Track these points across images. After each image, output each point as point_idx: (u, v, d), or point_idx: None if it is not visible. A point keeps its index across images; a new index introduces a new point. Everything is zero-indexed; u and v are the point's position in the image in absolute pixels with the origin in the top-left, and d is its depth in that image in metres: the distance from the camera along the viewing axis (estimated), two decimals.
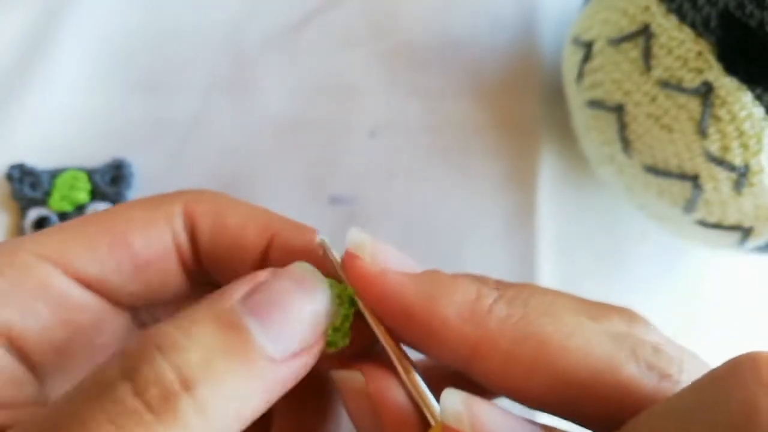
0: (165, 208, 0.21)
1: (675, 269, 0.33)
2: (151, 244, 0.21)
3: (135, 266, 0.20)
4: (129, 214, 0.21)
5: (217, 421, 0.16)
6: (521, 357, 0.18)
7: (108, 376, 0.16)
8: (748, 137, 0.25)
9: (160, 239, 0.21)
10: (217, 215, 0.21)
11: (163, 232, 0.21)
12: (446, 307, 0.19)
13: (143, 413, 0.15)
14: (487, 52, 0.35)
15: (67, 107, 0.34)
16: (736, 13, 0.24)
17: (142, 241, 0.20)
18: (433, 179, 0.33)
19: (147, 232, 0.21)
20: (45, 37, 0.35)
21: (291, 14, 0.35)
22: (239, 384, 0.16)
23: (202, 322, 0.17)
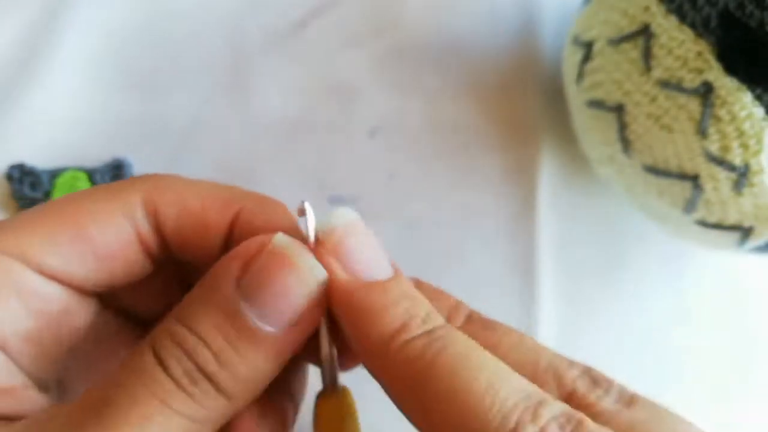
0: (123, 197, 0.21)
1: (675, 269, 0.33)
2: (112, 236, 0.21)
3: (97, 258, 0.20)
4: (88, 204, 0.21)
5: (238, 395, 0.19)
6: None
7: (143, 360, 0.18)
8: (748, 137, 0.25)
9: (120, 231, 0.21)
10: (179, 200, 0.21)
11: (123, 223, 0.21)
12: (369, 327, 0.19)
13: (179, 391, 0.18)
14: (487, 52, 0.35)
15: (67, 107, 0.34)
16: (736, 13, 0.24)
17: (102, 234, 0.20)
18: (433, 179, 0.33)
19: (107, 224, 0.21)
20: (45, 37, 0.35)
21: (291, 14, 0.35)
22: (249, 362, 0.19)
23: (206, 317, 0.19)
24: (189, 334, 0.19)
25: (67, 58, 0.35)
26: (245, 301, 0.19)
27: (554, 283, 0.32)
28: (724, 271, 0.33)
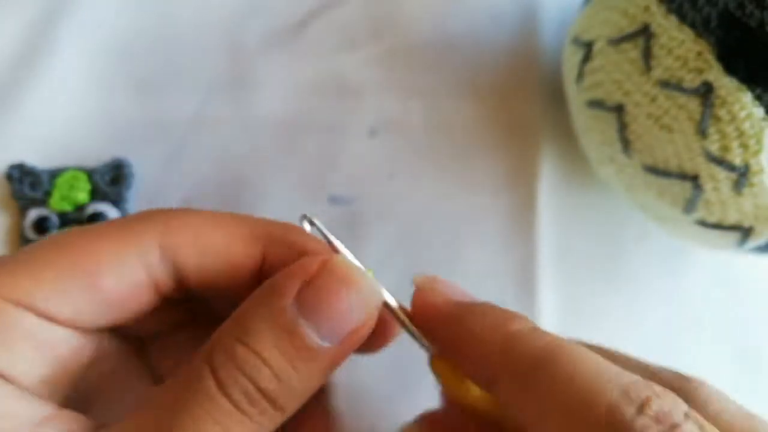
0: (137, 240, 0.20)
1: (675, 269, 0.33)
2: (125, 285, 0.20)
3: (108, 305, 0.20)
4: (99, 249, 0.20)
5: (291, 408, 0.19)
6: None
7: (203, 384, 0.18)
8: (747, 137, 0.25)
9: (134, 278, 0.20)
10: (199, 239, 0.21)
11: (138, 270, 0.20)
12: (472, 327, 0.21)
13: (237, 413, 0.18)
14: (487, 52, 0.35)
15: (67, 107, 0.34)
16: (736, 13, 0.24)
17: (115, 283, 0.20)
18: (433, 179, 0.33)
19: (120, 272, 0.20)
20: (45, 37, 0.35)
21: (291, 14, 0.35)
22: (304, 377, 0.19)
23: (266, 336, 0.19)
24: (249, 354, 0.19)
25: (67, 58, 0.35)
26: (304, 319, 0.19)
27: (554, 283, 0.32)
28: (724, 271, 0.33)
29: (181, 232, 0.21)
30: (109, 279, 0.20)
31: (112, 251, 0.20)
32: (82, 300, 0.20)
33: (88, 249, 0.20)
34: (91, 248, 0.20)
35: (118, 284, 0.20)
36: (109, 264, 0.20)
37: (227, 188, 0.34)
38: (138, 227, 0.21)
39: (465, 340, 0.20)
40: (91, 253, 0.20)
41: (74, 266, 0.20)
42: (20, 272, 0.20)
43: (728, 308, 0.32)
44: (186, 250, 0.21)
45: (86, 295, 0.20)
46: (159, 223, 0.21)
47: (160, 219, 0.21)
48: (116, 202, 0.33)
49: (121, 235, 0.20)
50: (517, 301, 0.32)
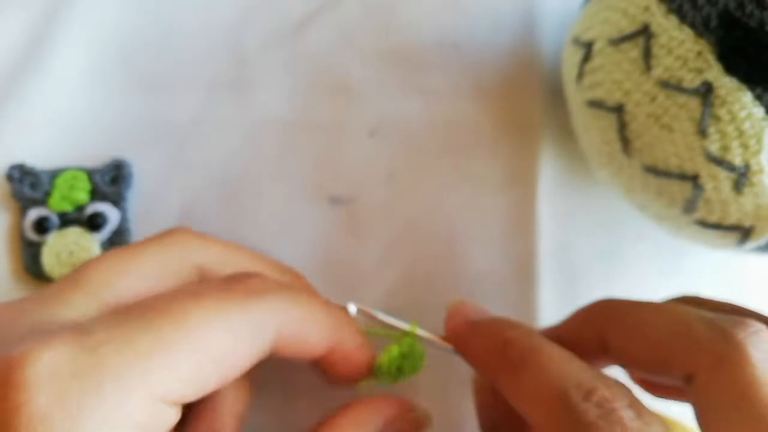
0: (263, 335, 0.23)
1: (675, 269, 0.33)
2: (239, 371, 0.23)
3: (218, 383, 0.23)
4: (226, 339, 0.22)
5: None
6: None
7: None
8: (748, 137, 0.25)
9: (247, 362, 0.23)
10: (299, 335, 0.24)
11: (254, 355, 0.23)
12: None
13: None
14: (487, 52, 0.35)
15: (67, 107, 0.34)
16: (736, 13, 0.24)
17: (232, 370, 0.23)
18: (433, 179, 0.33)
19: (240, 361, 0.23)
20: (45, 37, 0.35)
21: (291, 14, 0.35)
22: None
23: None
24: None
25: (68, 58, 0.35)
26: None
27: (554, 283, 0.32)
28: (725, 271, 0.33)
29: (290, 327, 0.24)
30: (232, 369, 0.23)
31: (239, 343, 0.22)
32: (202, 387, 0.22)
33: (216, 336, 0.22)
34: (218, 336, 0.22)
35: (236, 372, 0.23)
36: (234, 357, 0.22)
37: (227, 188, 0.34)
38: (265, 315, 0.23)
39: (474, 349, 0.26)
40: (220, 342, 0.22)
41: (202, 356, 0.21)
42: (153, 361, 0.20)
43: None
44: (288, 341, 0.24)
45: (204, 386, 0.22)
46: (278, 320, 0.23)
47: (278, 311, 0.24)
48: (116, 202, 0.33)
49: (247, 324, 0.23)
50: (517, 301, 0.32)
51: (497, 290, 0.32)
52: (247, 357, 0.23)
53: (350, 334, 0.26)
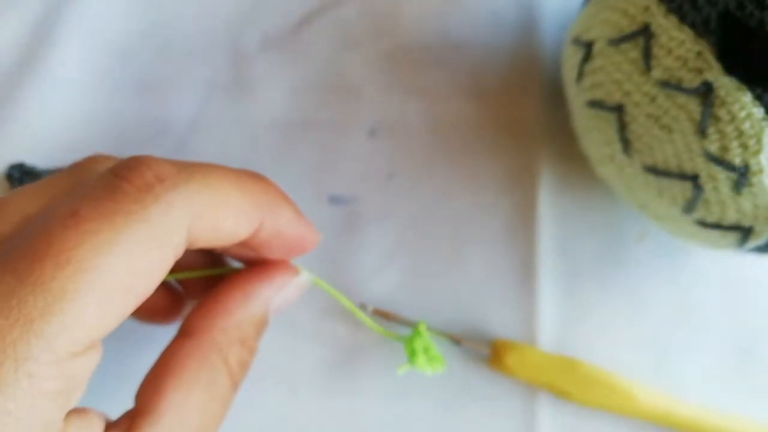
0: (172, 239, 0.20)
1: (675, 269, 0.33)
2: (155, 285, 0.20)
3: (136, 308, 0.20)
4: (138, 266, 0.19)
5: None
6: None
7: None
8: (747, 137, 0.25)
9: (163, 274, 0.20)
10: (216, 225, 0.22)
11: (169, 266, 0.21)
12: None
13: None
14: (487, 52, 0.35)
15: (67, 107, 0.34)
16: (736, 13, 0.24)
17: (149, 290, 0.20)
18: (433, 179, 0.33)
19: (156, 281, 0.20)
20: (45, 37, 0.35)
21: (291, 14, 0.35)
22: None
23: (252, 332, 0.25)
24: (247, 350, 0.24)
25: (68, 58, 0.35)
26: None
27: (554, 283, 0.32)
28: (725, 271, 0.33)
29: (202, 218, 0.21)
30: (146, 289, 0.20)
31: (153, 264, 0.20)
32: (117, 322, 0.20)
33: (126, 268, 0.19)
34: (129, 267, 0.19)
35: (152, 287, 0.20)
36: (147, 278, 0.20)
37: None
38: (171, 224, 0.20)
39: None
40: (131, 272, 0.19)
41: (114, 294, 0.19)
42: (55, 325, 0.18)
43: (728, 308, 0.32)
44: (202, 233, 0.21)
45: (123, 317, 0.20)
46: (188, 213, 0.21)
47: (188, 207, 0.21)
48: None
49: (155, 240, 0.20)
50: (517, 300, 0.32)
51: (497, 290, 0.32)
52: (160, 269, 0.20)
53: (280, 207, 0.24)
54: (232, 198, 0.22)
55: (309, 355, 0.32)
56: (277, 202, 0.24)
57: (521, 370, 0.31)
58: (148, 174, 0.20)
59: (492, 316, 0.32)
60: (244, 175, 0.23)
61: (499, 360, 0.31)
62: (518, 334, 0.32)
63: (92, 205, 0.19)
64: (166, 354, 0.23)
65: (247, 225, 0.22)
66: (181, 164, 0.21)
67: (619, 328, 0.32)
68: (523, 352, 0.31)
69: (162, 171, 0.20)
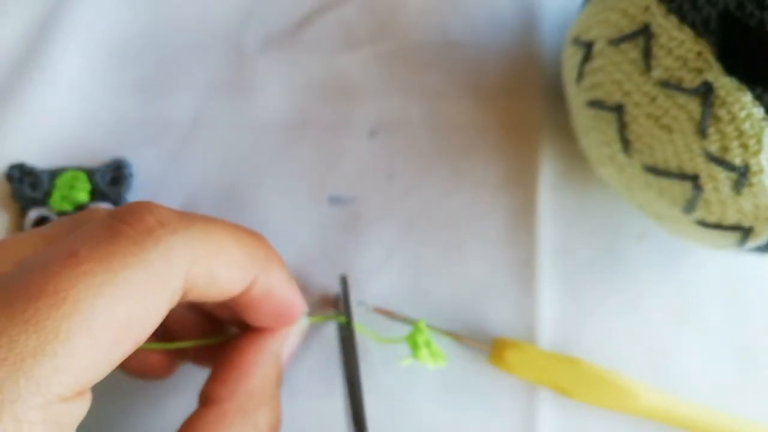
0: (169, 285, 0.20)
1: (675, 269, 0.33)
2: (150, 330, 0.20)
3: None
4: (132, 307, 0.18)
5: None
6: None
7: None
8: (747, 137, 0.25)
9: (158, 320, 0.20)
10: (211, 276, 0.21)
11: (164, 312, 0.20)
12: None
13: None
14: (487, 52, 0.35)
15: (67, 107, 0.34)
16: (736, 13, 0.24)
17: (144, 336, 0.19)
18: (433, 179, 0.33)
19: (150, 323, 0.19)
20: (45, 37, 0.35)
21: (291, 14, 0.35)
22: None
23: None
24: None
25: (68, 58, 0.35)
26: None
27: (554, 283, 0.32)
28: (725, 270, 0.33)
29: (199, 268, 0.21)
30: (143, 332, 0.19)
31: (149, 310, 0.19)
32: (108, 369, 0.19)
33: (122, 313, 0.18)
34: (125, 312, 0.18)
35: (148, 331, 0.20)
36: (144, 323, 0.19)
37: (227, 188, 0.34)
38: (168, 270, 0.19)
39: None
40: (130, 318, 0.18)
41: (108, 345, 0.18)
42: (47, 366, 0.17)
43: (728, 308, 0.32)
44: (198, 282, 0.21)
45: (115, 363, 0.19)
46: (185, 262, 0.20)
47: (185, 255, 0.20)
48: (116, 202, 0.33)
49: (155, 286, 0.19)
50: (517, 301, 0.32)
51: (497, 290, 0.32)
52: (156, 315, 0.19)
53: (273, 267, 0.23)
54: (230, 249, 0.21)
55: (309, 355, 0.32)
56: (272, 260, 0.23)
57: (522, 367, 0.31)
58: (149, 218, 0.20)
59: (492, 315, 0.32)
60: (242, 229, 0.23)
61: (500, 358, 0.31)
62: (518, 333, 0.32)
63: (91, 246, 0.18)
64: (189, 425, 0.22)
65: (242, 278, 0.22)
66: (181, 213, 0.21)
67: (618, 328, 0.32)
68: (524, 350, 0.31)
69: (163, 216, 0.20)
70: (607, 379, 0.30)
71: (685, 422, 0.30)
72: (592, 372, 0.30)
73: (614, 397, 0.30)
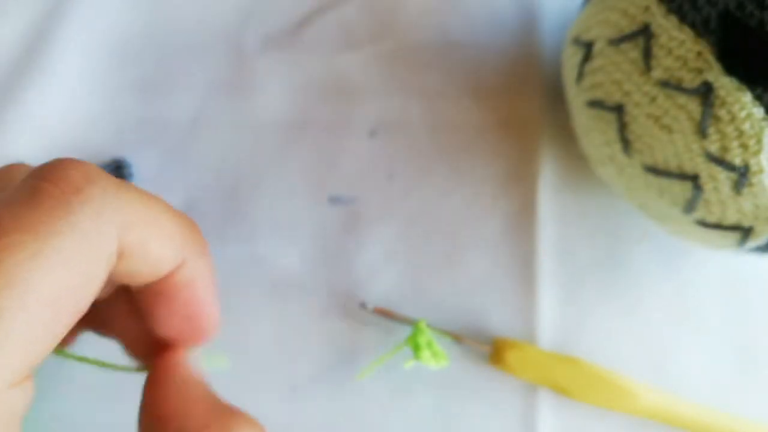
0: (104, 249, 0.18)
1: (675, 269, 0.33)
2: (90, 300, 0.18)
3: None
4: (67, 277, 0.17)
5: None
6: None
7: None
8: (747, 137, 0.25)
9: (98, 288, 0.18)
10: (143, 245, 0.19)
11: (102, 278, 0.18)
12: None
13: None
14: (487, 52, 0.35)
15: (67, 107, 0.34)
16: (736, 13, 0.24)
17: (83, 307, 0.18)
18: (433, 179, 0.33)
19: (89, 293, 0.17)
20: (45, 37, 0.35)
21: (291, 14, 0.35)
22: None
23: None
24: None
25: (68, 58, 0.35)
26: None
27: (554, 283, 0.32)
28: (725, 270, 0.33)
29: (132, 235, 0.18)
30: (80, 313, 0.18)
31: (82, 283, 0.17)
32: (50, 347, 0.17)
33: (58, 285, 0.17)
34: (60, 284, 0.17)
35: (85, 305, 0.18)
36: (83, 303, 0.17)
37: (227, 188, 0.34)
38: (100, 239, 0.17)
39: None
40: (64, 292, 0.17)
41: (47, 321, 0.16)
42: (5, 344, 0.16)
43: (728, 308, 0.32)
44: (132, 252, 0.19)
45: (56, 340, 0.17)
46: (117, 226, 0.18)
47: (118, 219, 0.18)
48: None
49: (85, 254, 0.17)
50: (517, 301, 0.32)
51: (497, 290, 0.32)
52: (94, 281, 0.18)
53: (203, 254, 0.21)
54: (163, 221, 0.19)
55: (309, 355, 0.32)
56: (203, 247, 0.21)
57: (522, 367, 0.31)
58: (74, 174, 0.18)
59: (492, 316, 0.32)
60: (175, 209, 0.21)
61: (500, 358, 0.31)
62: (518, 333, 0.32)
63: (15, 214, 0.16)
64: None
65: (173, 256, 0.20)
66: (110, 175, 0.19)
67: (618, 328, 0.32)
68: (525, 350, 0.31)
69: (90, 172, 0.18)
70: (607, 379, 0.30)
71: (684, 422, 0.30)
72: (592, 372, 0.30)
73: (614, 397, 0.30)
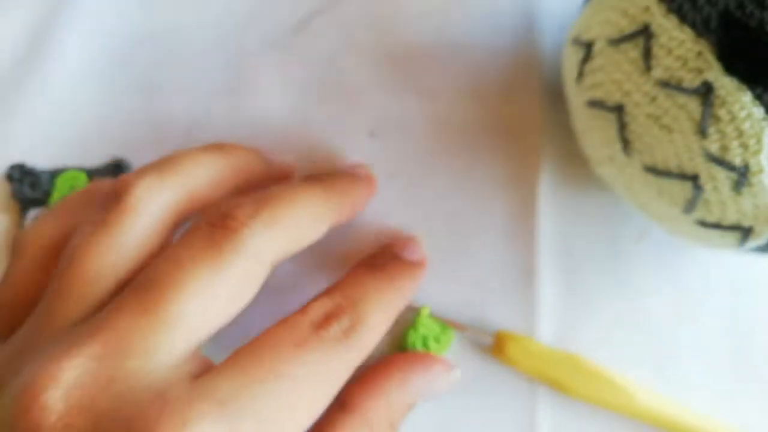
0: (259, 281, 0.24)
1: (675, 269, 0.33)
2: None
3: None
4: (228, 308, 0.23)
5: None
6: None
7: None
8: (747, 137, 0.25)
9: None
10: (290, 253, 0.25)
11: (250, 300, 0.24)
12: None
13: None
14: (487, 52, 0.35)
15: (67, 107, 0.34)
16: (736, 13, 0.24)
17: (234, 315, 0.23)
18: (433, 179, 0.33)
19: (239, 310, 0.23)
20: (45, 37, 0.35)
21: (291, 14, 0.35)
22: None
23: None
24: None
25: (68, 58, 0.35)
26: None
27: (554, 282, 0.32)
28: (725, 270, 0.33)
29: (281, 255, 0.25)
30: None
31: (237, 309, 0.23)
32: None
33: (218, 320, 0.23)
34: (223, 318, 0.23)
35: None
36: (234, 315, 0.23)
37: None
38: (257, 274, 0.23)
39: None
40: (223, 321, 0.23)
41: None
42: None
43: (728, 308, 0.32)
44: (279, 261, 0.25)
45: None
46: (271, 259, 0.24)
47: (270, 255, 0.24)
48: None
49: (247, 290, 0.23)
50: (517, 300, 0.32)
51: (497, 290, 0.32)
52: (244, 305, 0.23)
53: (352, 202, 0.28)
54: (303, 226, 0.25)
55: None
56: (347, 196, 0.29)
57: (523, 361, 0.31)
58: (234, 224, 0.23)
59: (491, 315, 0.32)
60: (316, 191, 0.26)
61: (502, 350, 0.31)
62: (518, 332, 0.32)
63: (193, 257, 0.22)
64: (321, 425, 0.24)
65: (325, 230, 0.26)
66: (258, 202, 0.24)
67: (618, 328, 0.32)
68: (526, 344, 0.31)
69: (246, 216, 0.23)
70: (604, 377, 0.30)
71: (682, 428, 0.30)
72: (591, 370, 0.30)
73: (612, 396, 0.30)
